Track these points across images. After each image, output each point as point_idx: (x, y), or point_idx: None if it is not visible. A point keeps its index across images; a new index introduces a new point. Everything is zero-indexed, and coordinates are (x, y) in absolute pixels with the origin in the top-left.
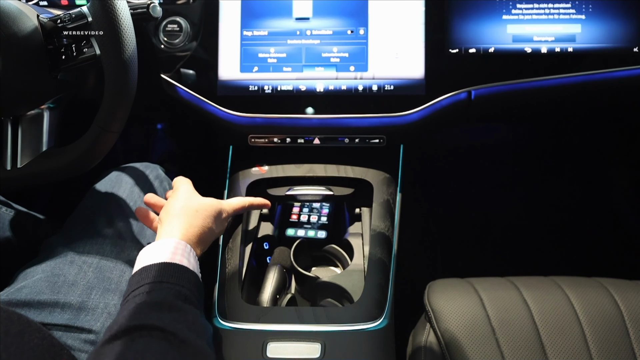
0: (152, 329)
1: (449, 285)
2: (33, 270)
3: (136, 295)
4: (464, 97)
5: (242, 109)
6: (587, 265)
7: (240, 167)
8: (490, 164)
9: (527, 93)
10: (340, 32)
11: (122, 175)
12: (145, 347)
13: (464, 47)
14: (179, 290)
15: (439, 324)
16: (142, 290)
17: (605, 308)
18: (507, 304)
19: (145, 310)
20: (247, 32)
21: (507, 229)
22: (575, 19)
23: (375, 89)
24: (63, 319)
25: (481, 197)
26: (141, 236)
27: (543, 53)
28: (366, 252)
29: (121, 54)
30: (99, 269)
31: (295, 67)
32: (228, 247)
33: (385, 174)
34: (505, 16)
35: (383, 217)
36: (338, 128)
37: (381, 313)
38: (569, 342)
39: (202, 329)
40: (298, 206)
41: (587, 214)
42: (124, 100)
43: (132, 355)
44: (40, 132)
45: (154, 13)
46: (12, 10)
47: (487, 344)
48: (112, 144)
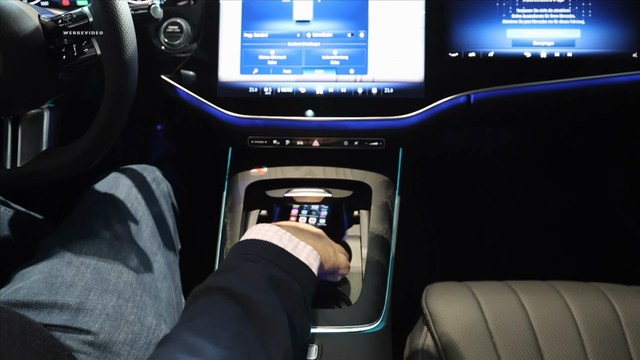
0: (209, 290)
1: (447, 289)
2: (30, 270)
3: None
4: (463, 100)
5: (241, 110)
6: (584, 270)
7: (240, 169)
8: (489, 167)
9: (526, 97)
10: (341, 34)
11: (120, 177)
12: (201, 304)
13: (463, 51)
14: (241, 255)
15: (437, 327)
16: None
17: (602, 313)
18: (505, 308)
19: (209, 278)
20: (247, 34)
21: (505, 233)
22: (574, 24)
23: (375, 92)
24: (61, 319)
25: (479, 201)
26: (138, 238)
27: (542, 58)
28: (364, 254)
29: (122, 55)
30: (97, 270)
31: (295, 69)
32: (226, 248)
33: (384, 177)
34: (505, 20)
35: (381, 219)
36: (337, 130)
37: (378, 316)
38: (566, 347)
39: (256, 277)
40: (297, 208)
41: (586, 219)
42: (123, 100)
43: (191, 312)
44: (40, 131)
45: (154, 14)
46: (13, 10)
47: (484, 348)
48: (112, 144)
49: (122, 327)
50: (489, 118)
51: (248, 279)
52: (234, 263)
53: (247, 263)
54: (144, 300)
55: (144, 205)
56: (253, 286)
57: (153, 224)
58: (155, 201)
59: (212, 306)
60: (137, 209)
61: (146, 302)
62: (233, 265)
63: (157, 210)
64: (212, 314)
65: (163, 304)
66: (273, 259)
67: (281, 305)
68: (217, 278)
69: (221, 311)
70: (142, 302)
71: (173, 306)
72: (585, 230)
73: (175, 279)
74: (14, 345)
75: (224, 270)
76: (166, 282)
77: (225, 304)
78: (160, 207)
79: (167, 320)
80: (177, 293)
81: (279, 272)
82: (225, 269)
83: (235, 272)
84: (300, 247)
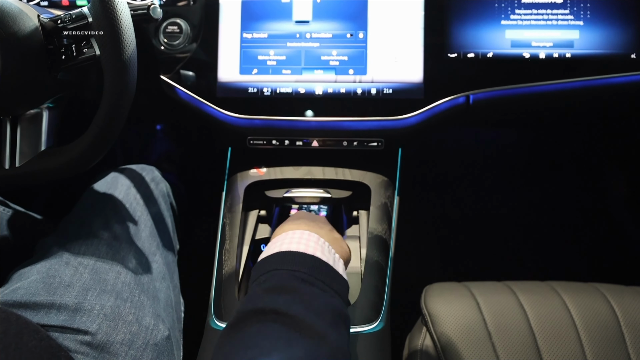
0: (266, 313)
1: (446, 289)
2: (28, 270)
3: (253, 286)
4: (462, 101)
5: (241, 110)
6: (584, 271)
7: (239, 169)
8: (488, 168)
9: (525, 98)
10: (340, 35)
11: (119, 177)
12: (259, 330)
13: (462, 51)
14: (293, 273)
15: (436, 327)
16: (258, 280)
17: (601, 314)
18: (504, 308)
19: (260, 296)
20: (247, 35)
21: (504, 234)
22: (573, 25)
23: (374, 93)
24: (59, 320)
25: (478, 201)
26: (137, 238)
27: (541, 58)
28: (363, 254)
29: (121, 55)
30: (95, 270)
31: (295, 69)
32: (225, 249)
33: (383, 177)
34: (504, 21)
35: (380, 220)
36: (336, 131)
37: (377, 316)
38: (565, 348)
39: (321, 307)
40: (296, 208)
41: (585, 219)
42: (123, 100)
43: (247, 339)
44: (39, 131)
45: (154, 14)
46: (12, 9)
47: (483, 349)
48: (111, 145)
49: (120, 328)
50: (488, 119)
51: (312, 307)
52: (288, 283)
53: (303, 285)
54: (142, 301)
55: (142, 205)
56: (320, 319)
57: (152, 224)
58: (153, 201)
59: (277, 338)
60: (136, 209)
61: (144, 303)
62: (288, 286)
63: (155, 210)
64: (281, 351)
65: (161, 304)
66: (328, 282)
67: (347, 342)
68: (273, 299)
69: (289, 346)
70: (140, 302)
71: (171, 306)
72: (584, 230)
73: (174, 279)
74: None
75: (278, 290)
76: (164, 282)
77: (293, 337)
78: (159, 207)
79: (165, 321)
80: (175, 293)
81: (337, 299)
82: (279, 289)
83: (293, 295)
84: (336, 260)
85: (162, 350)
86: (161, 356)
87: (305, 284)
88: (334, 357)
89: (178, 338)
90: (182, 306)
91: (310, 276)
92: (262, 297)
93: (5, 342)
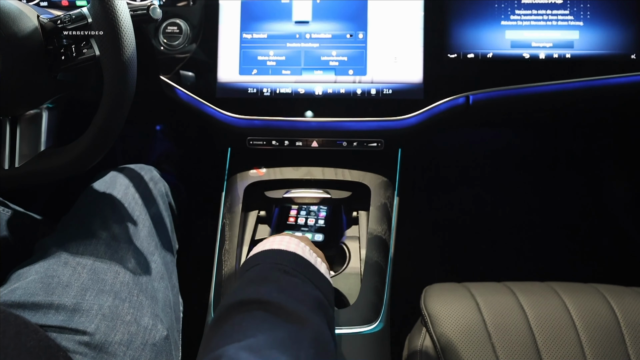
0: (249, 303)
1: (446, 290)
2: (26, 271)
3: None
4: (462, 101)
5: (240, 111)
6: (583, 271)
7: (238, 169)
8: (488, 168)
9: (525, 98)
10: (340, 35)
11: (117, 177)
12: (243, 319)
13: (462, 52)
14: (275, 266)
15: (435, 328)
16: (242, 277)
17: (601, 314)
18: (504, 309)
19: (243, 288)
20: (246, 35)
21: (504, 234)
22: (573, 26)
23: (374, 93)
24: (57, 320)
25: (478, 202)
26: (135, 238)
27: (541, 59)
28: (363, 255)
29: (120, 55)
30: (93, 270)
31: (294, 70)
32: (225, 249)
33: (382, 178)
34: (503, 22)
35: (380, 220)
36: (336, 131)
37: (377, 316)
38: (565, 348)
39: (301, 295)
40: (295, 209)
41: (585, 220)
42: (122, 101)
43: (231, 328)
44: (39, 131)
45: (154, 15)
46: (12, 10)
47: (483, 349)
48: (111, 145)
49: (119, 328)
50: (488, 119)
51: (293, 295)
52: (270, 274)
53: (284, 275)
54: (140, 301)
55: (141, 205)
56: (302, 305)
57: (150, 224)
58: (152, 201)
59: (261, 323)
60: (134, 209)
61: (143, 303)
62: (270, 277)
63: (154, 210)
64: (265, 333)
65: (160, 304)
66: (309, 276)
67: (328, 328)
68: (256, 289)
69: (273, 329)
70: (138, 302)
71: (170, 306)
72: (584, 231)
73: (173, 279)
74: (9, 347)
75: (259, 281)
76: (163, 283)
77: (276, 322)
78: (158, 207)
79: (164, 321)
80: (174, 293)
81: (317, 291)
82: (261, 280)
83: (275, 285)
84: (318, 262)
85: (160, 350)
86: (159, 356)
87: (286, 275)
88: (317, 341)
89: (177, 338)
90: (181, 306)
91: (292, 269)
92: (244, 289)
93: (4, 343)
